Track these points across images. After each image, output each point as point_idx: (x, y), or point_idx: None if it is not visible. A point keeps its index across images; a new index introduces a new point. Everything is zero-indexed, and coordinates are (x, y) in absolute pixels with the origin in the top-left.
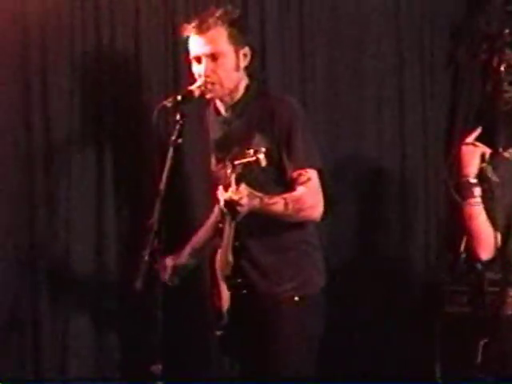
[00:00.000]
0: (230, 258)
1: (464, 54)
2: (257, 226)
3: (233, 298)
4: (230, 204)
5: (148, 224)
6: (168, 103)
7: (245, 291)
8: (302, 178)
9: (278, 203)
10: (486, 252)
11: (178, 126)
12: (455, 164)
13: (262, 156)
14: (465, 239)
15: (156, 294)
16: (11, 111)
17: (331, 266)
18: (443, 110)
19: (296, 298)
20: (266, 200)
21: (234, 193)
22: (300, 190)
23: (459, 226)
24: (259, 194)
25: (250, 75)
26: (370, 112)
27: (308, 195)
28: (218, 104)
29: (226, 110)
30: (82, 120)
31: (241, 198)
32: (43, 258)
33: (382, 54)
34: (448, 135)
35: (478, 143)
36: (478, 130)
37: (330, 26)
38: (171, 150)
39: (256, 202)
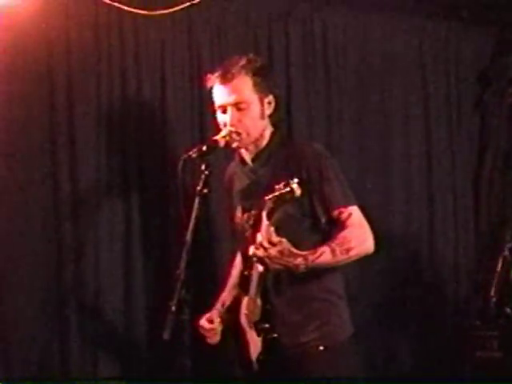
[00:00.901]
0: (259, 302)
1: (491, 97)
2: (280, 276)
3: (263, 343)
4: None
5: (175, 274)
6: (193, 154)
7: (275, 335)
8: (344, 216)
9: (323, 254)
10: None
11: (203, 177)
12: None
13: (295, 185)
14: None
15: (184, 344)
16: (38, 161)
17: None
18: (471, 154)
19: (321, 348)
20: (311, 257)
21: (265, 246)
22: (344, 231)
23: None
24: (303, 253)
25: (274, 123)
26: (397, 162)
27: (353, 233)
28: (243, 153)
29: (252, 159)
30: (109, 170)
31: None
32: (72, 308)
33: (408, 101)
34: (476, 179)
35: None
36: None
37: (355, 73)
38: (197, 200)
39: (299, 261)
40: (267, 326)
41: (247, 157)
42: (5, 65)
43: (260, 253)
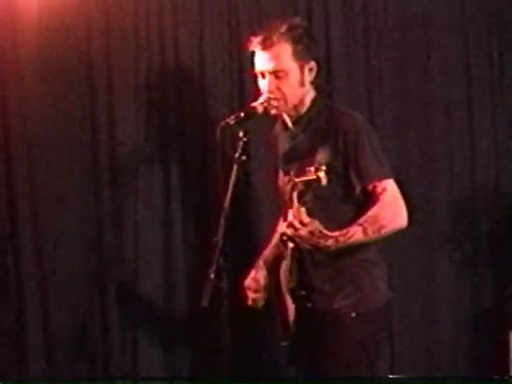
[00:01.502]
0: (294, 271)
1: None
2: None
3: (297, 310)
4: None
5: (213, 241)
6: (231, 120)
7: (309, 304)
8: (378, 190)
9: (355, 234)
10: None
11: (241, 144)
12: None
13: (322, 174)
14: None
15: (223, 311)
16: (77, 129)
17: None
18: None
19: (353, 315)
20: (342, 238)
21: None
22: (375, 208)
23: None
24: (334, 234)
25: (316, 88)
26: (438, 125)
27: (386, 209)
28: (285, 118)
29: (293, 124)
30: (148, 137)
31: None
32: (111, 275)
33: (449, 62)
34: None
35: None
36: None
37: (396, 35)
38: (235, 167)
39: (330, 242)
40: (302, 293)
41: (289, 122)
42: (43, 31)
43: (290, 232)
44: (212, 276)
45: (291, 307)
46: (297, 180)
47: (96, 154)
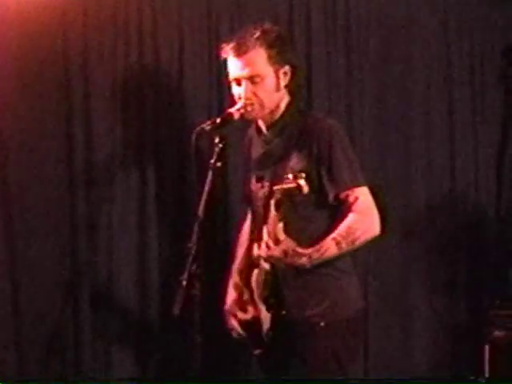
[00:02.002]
0: (267, 281)
1: None
2: None
3: (272, 318)
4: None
5: (187, 248)
6: (207, 126)
7: (283, 312)
8: (350, 199)
9: (329, 248)
10: None
11: (217, 149)
12: None
13: (302, 182)
14: None
15: (195, 318)
16: (53, 132)
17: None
18: (495, 130)
19: (322, 324)
20: (316, 254)
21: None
22: (348, 220)
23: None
24: (307, 251)
25: (290, 93)
26: (418, 134)
27: (358, 220)
28: (260, 123)
29: (267, 128)
30: (125, 141)
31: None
32: (84, 280)
33: (431, 71)
34: (500, 157)
35: None
36: None
37: (377, 44)
38: (210, 173)
39: (304, 260)
40: (275, 301)
41: (263, 127)
42: (18, 25)
43: (263, 253)
44: (184, 283)
45: (265, 315)
46: (275, 188)
47: (71, 158)
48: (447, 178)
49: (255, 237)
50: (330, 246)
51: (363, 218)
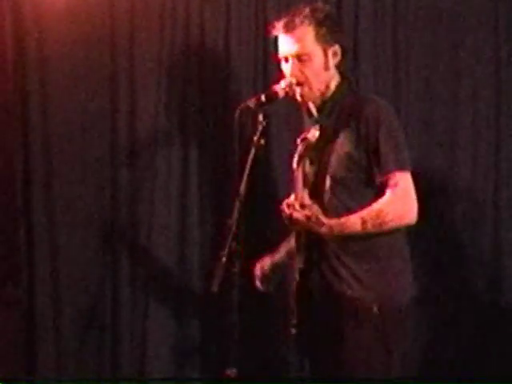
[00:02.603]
0: (302, 251)
1: None
2: None
3: (307, 294)
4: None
5: (227, 225)
6: (251, 103)
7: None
8: (390, 182)
9: (353, 225)
10: None
11: (260, 127)
12: None
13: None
14: None
15: (232, 297)
16: (97, 107)
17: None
18: None
19: (374, 310)
20: (337, 227)
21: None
22: (382, 202)
23: None
24: (330, 222)
25: (341, 73)
26: (464, 115)
27: (392, 205)
28: (310, 104)
29: (317, 110)
30: (168, 116)
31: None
32: (125, 257)
33: (479, 54)
34: None
35: None
36: None
37: (425, 24)
38: (253, 150)
39: (324, 230)
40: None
41: (313, 107)
42: (66, 8)
43: (287, 211)
44: (223, 260)
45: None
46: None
47: (115, 135)
48: (492, 169)
49: None
50: (354, 223)
51: (398, 203)
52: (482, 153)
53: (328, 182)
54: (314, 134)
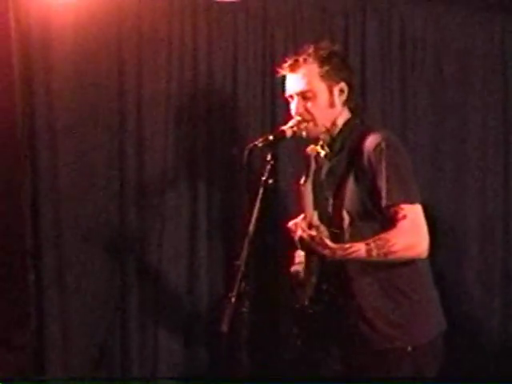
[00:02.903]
0: (313, 279)
1: None
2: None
3: (316, 318)
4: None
5: (235, 265)
6: (259, 143)
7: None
8: (399, 216)
9: (357, 251)
10: None
11: (268, 167)
12: None
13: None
14: None
15: (243, 336)
16: (106, 147)
17: None
18: None
19: (409, 349)
20: (341, 252)
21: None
22: (389, 232)
23: None
24: (334, 245)
25: (351, 110)
26: (473, 158)
27: (400, 236)
28: (321, 141)
29: (328, 147)
30: (177, 157)
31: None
32: (135, 297)
33: (488, 98)
34: None
35: None
36: None
37: (433, 68)
38: (261, 190)
39: (327, 252)
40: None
41: (324, 144)
42: (76, 48)
43: (293, 229)
44: (233, 300)
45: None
46: None
47: (123, 173)
48: (501, 201)
49: None
50: (359, 249)
51: (406, 234)
52: (491, 186)
53: (346, 218)
54: (316, 148)
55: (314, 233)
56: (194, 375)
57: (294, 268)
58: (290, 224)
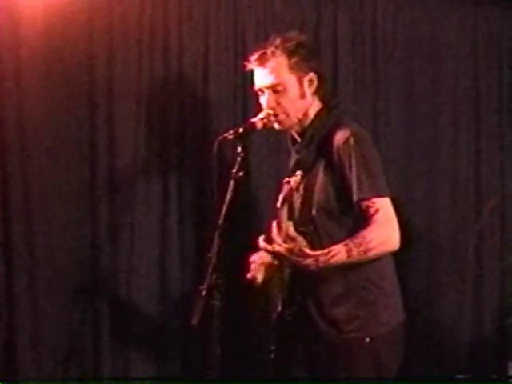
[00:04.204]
0: (285, 285)
1: None
2: None
3: (289, 325)
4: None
5: (207, 258)
6: (229, 135)
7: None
8: (371, 210)
9: (338, 254)
10: None
11: (239, 159)
12: None
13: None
14: None
15: (214, 329)
16: (77, 139)
17: None
18: None
19: (367, 340)
20: (323, 258)
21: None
22: (365, 230)
23: None
24: (315, 253)
25: (322, 100)
26: (444, 150)
27: (375, 231)
28: (293, 132)
29: (299, 138)
30: (148, 149)
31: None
32: (105, 288)
33: (458, 90)
34: None
35: None
36: None
37: (404, 59)
38: (232, 182)
39: (310, 262)
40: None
41: (295, 135)
42: (45, 43)
43: (269, 248)
44: (204, 293)
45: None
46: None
47: (94, 165)
48: (472, 195)
49: None
50: (339, 252)
51: (381, 229)
52: (462, 178)
53: (313, 212)
54: (296, 179)
55: (290, 245)
56: (167, 373)
57: (254, 275)
58: (262, 241)
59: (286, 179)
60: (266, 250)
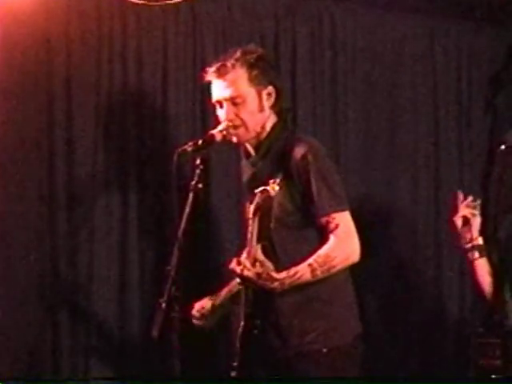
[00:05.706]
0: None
1: (502, 101)
2: None
3: (253, 338)
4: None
5: (166, 270)
6: (189, 148)
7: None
8: (331, 226)
9: (303, 275)
10: None
11: (198, 171)
12: None
13: (270, 187)
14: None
15: (174, 341)
16: (35, 152)
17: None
18: (481, 159)
19: (324, 350)
20: (289, 280)
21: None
22: (327, 247)
23: None
24: (281, 276)
25: (278, 114)
26: (404, 162)
27: (337, 248)
28: (247, 145)
29: (254, 151)
30: (106, 163)
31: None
32: (64, 300)
33: (417, 101)
34: (485, 186)
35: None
36: None
37: (363, 72)
38: (191, 195)
39: (276, 285)
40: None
41: (250, 148)
42: (2, 53)
43: (238, 270)
44: (163, 305)
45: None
46: (257, 190)
47: (53, 178)
48: (432, 208)
49: None
50: (304, 273)
51: (343, 245)
52: (422, 186)
53: (272, 225)
54: (273, 187)
55: (259, 269)
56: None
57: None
58: (233, 264)
59: (257, 190)
60: (234, 273)
